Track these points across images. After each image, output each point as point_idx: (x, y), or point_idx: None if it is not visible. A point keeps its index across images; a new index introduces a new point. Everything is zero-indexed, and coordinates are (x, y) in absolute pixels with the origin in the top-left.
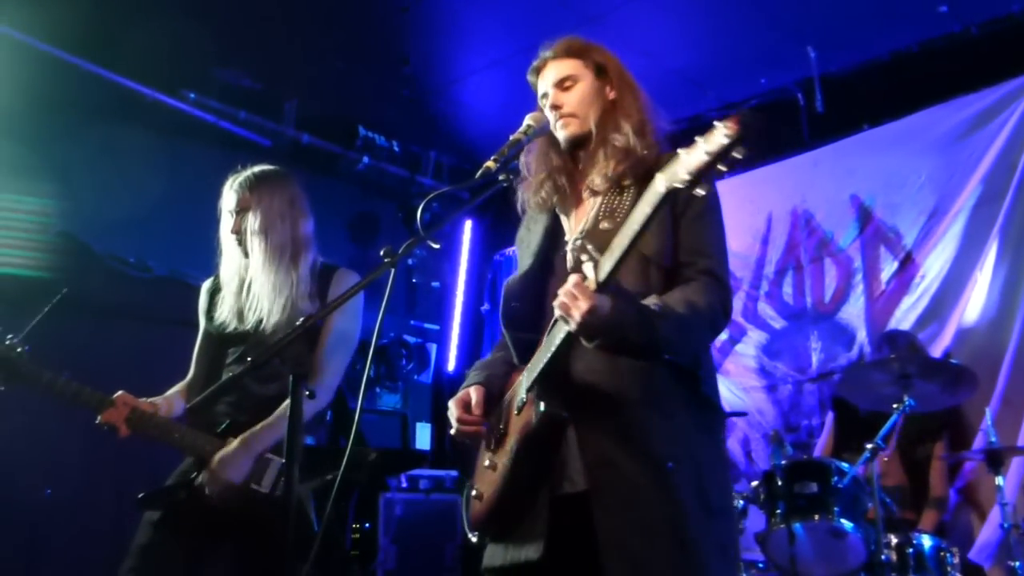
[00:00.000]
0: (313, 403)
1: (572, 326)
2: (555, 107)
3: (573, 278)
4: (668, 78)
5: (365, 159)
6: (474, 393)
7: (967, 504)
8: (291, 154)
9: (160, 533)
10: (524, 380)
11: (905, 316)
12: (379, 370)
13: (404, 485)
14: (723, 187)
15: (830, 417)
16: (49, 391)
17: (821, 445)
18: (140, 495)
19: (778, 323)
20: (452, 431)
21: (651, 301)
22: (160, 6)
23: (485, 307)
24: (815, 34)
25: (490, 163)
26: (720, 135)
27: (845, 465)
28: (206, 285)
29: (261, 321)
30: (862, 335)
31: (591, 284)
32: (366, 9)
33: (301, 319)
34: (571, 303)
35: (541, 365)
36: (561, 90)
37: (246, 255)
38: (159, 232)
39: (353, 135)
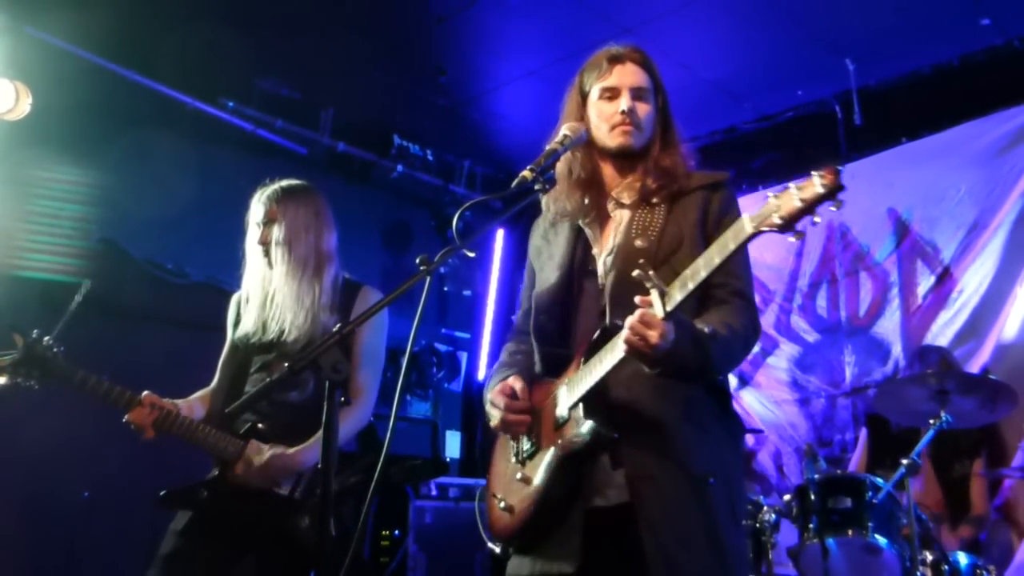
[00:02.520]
0: (356, 421)
1: (638, 355)
2: (627, 112)
3: (641, 311)
4: (704, 89)
5: (399, 167)
6: (517, 382)
7: (1005, 522)
8: (326, 162)
9: (184, 541)
10: (563, 396)
11: (942, 331)
12: (409, 378)
13: (434, 493)
14: (758, 199)
15: (863, 433)
16: (81, 389)
17: (855, 461)
18: (162, 492)
19: (811, 336)
20: (495, 422)
21: (702, 326)
22: (200, 15)
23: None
24: (854, 47)
25: (526, 172)
26: (817, 185)
27: (880, 480)
28: (236, 296)
29: (283, 332)
30: (897, 350)
31: (658, 313)
32: (403, 19)
33: (333, 328)
34: (642, 333)
35: (589, 385)
36: (636, 99)
37: (271, 266)
38: (196, 238)
39: (388, 144)
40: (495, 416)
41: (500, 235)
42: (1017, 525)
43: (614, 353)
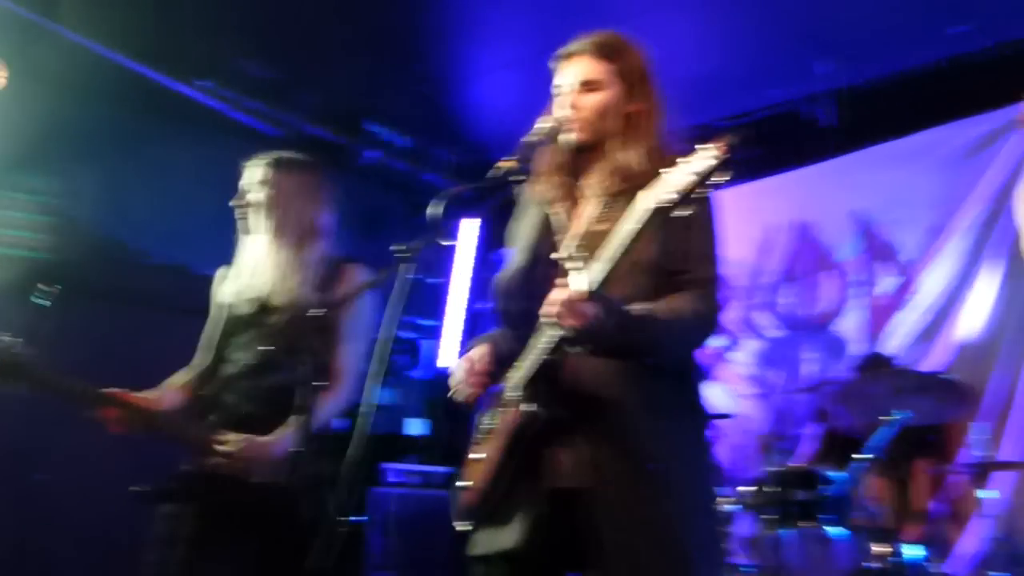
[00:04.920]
0: (337, 402)
1: (559, 332)
2: (572, 107)
3: (561, 290)
4: (681, 85)
5: (373, 153)
6: (478, 350)
7: (947, 517)
8: (300, 145)
9: (175, 525)
10: (514, 377)
11: (900, 331)
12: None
13: (396, 480)
14: (724, 195)
15: (816, 428)
16: (42, 388)
17: (806, 455)
18: (138, 489)
19: (772, 333)
20: (453, 392)
21: (637, 308)
22: None
23: (480, 305)
24: (827, 48)
25: (503, 163)
26: (707, 157)
27: (833, 474)
28: (221, 270)
29: (264, 303)
30: (856, 348)
31: (580, 291)
32: (383, 4)
33: (312, 310)
34: (558, 310)
35: (529, 368)
36: (583, 91)
37: (249, 231)
38: (161, 218)
39: (362, 129)
40: (458, 387)
41: (465, 224)
42: (958, 520)
43: (548, 335)
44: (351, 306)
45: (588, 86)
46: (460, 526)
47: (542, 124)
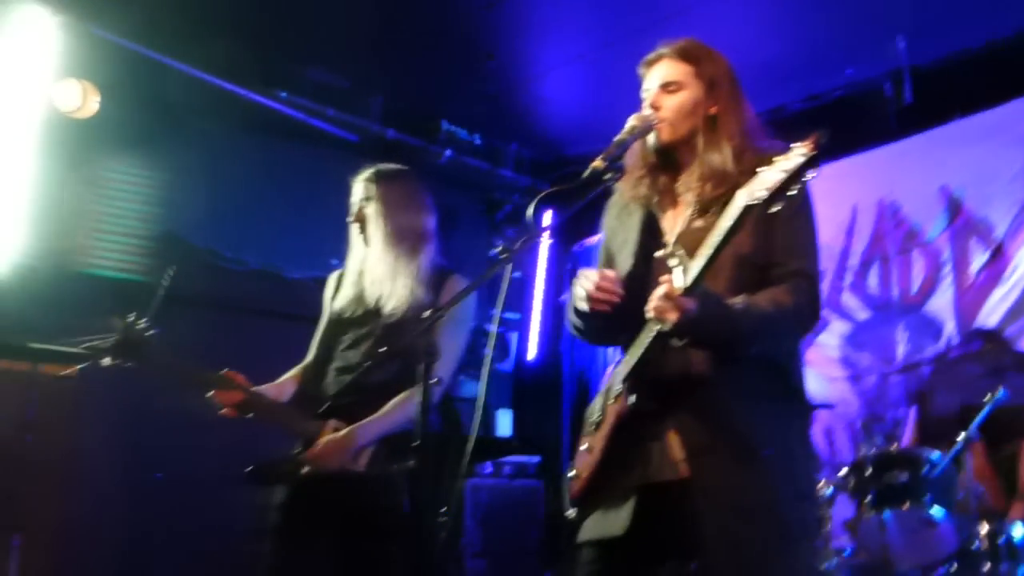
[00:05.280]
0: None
1: (663, 327)
2: (653, 107)
3: (663, 286)
4: (752, 71)
5: (448, 152)
6: (610, 274)
7: None
8: (377, 149)
9: (285, 515)
10: (620, 371)
11: (995, 308)
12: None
13: (489, 471)
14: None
15: (914, 410)
16: (170, 373)
17: (907, 437)
18: (248, 469)
19: (862, 314)
20: (581, 302)
21: (737, 301)
22: (251, 6)
23: (565, 297)
24: (905, 23)
25: (597, 162)
26: (797, 156)
27: (936, 455)
28: (333, 274)
29: (379, 306)
30: (950, 327)
31: (679, 287)
32: (451, 6)
33: (428, 306)
34: (662, 306)
35: (632, 361)
36: (664, 92)
37: (367, 243)
38: (253, 227)
39: (436, 129)
40: (580, 296)
41: (548, 217)
42: None
43: (653, 329)
44: (449, 315)
45: (669, 87)
46: (569, 514)
47: (630, 123)
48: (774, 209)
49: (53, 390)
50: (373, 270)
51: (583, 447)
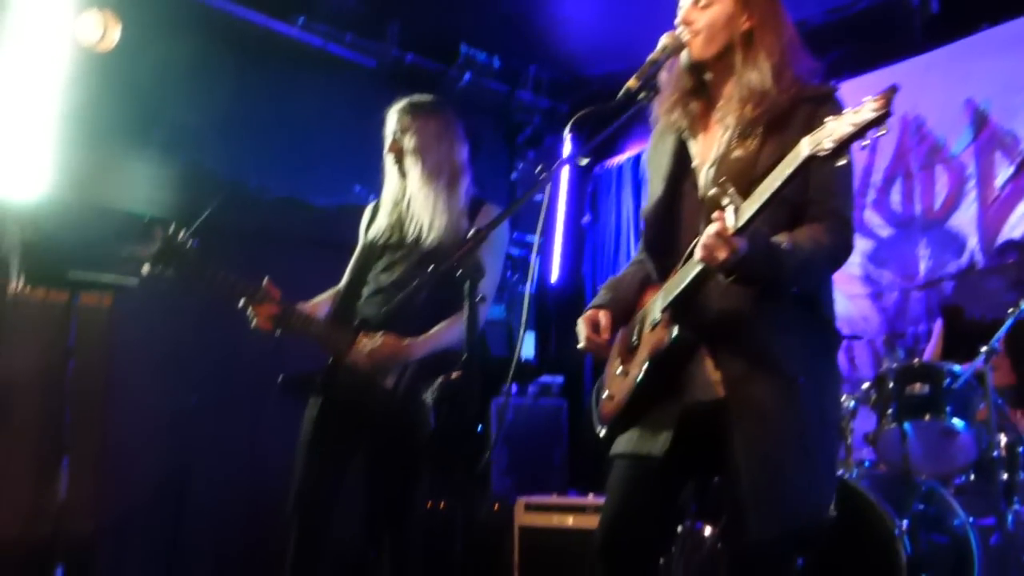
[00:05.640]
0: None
1: (712, 264)
2: (685, 23)
3: (715, 224)
4: None
5: (467, 76)
6: (603, 318)
7: None
8: (396, 74)
9: (319, 429)
10: (659, 300)
11: (1019, 223)
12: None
13: (514, 390)
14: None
15: (939, 323)
16: (210, 283)
17: (930, 350)
18: (280, 377)
19: (885, 231)
20: (580, 345)
21: (781, 240)
22: None
23: (586, 219)
24: None
25: (631, 82)
26: (868, 110)
27: (957, 367)
28: (370, 205)
29: (420, 235)
30: (973, 242)
31: (731, 227)
32: None
33: (468, 234)
34: (713, 245)
35: (676, 291)
36: (696, 7)
37: (403, 175)
38: (275, 155)
39: (455, 53)
40: (580, 340)
41: (569, 140)
42: None
43: (694, 264)
44: (486, 241)
45: (700, 1)
46: (601, 431)
47: (663, 41)
48: (837, 163)
49: (91, 318)
50: (413, 204)
51: (617, 370)
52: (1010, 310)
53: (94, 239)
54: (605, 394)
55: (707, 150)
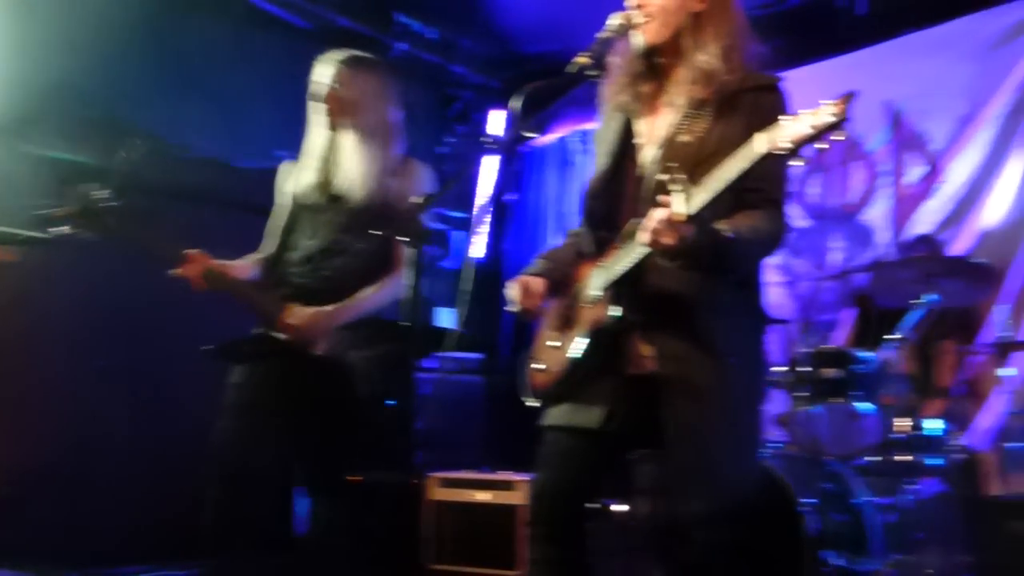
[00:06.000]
0: (396, 289)
1: (657, 249)
2: (638, 5)
3: (663, 210)
4: None
5: (402, 45)
6: (537, 284)
7: (968, 395)
8: (327, 38)
9: (242, 393)
10: (597, 277)
11: (927, 218)
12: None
13: (431, 365)
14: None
15: (850, 313)
16: (133, 237)
17: (840, 338)
18: (211, 347)
19: (802, 223)
20: (511, 308)
21: (725, 228)
22: None
23: (510, 196)
24: None
25: (581, 59)
26: (827, 114)
27: (864, 354)
28: (285, 163)
29: (347, 194)
30: (885, 236)
31: (680, 214)
32: None
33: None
34: (660, 231)
35: (618, 271)
36: None
37: (333, 128)
38: (199, 113)
39: (390, 21)
40: (510, 303)
41: (497, 116)
42: (978, 397)
43: (637, 246)
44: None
45: None
46: (530, 402)
47: (613, 20)
48: (792, 163)
49: (3, 272)
50: (343, 160)
51: (552, 343)
52: (915, 301)
53: (8, 186)
54: (538, 365)
55: (653, 130)
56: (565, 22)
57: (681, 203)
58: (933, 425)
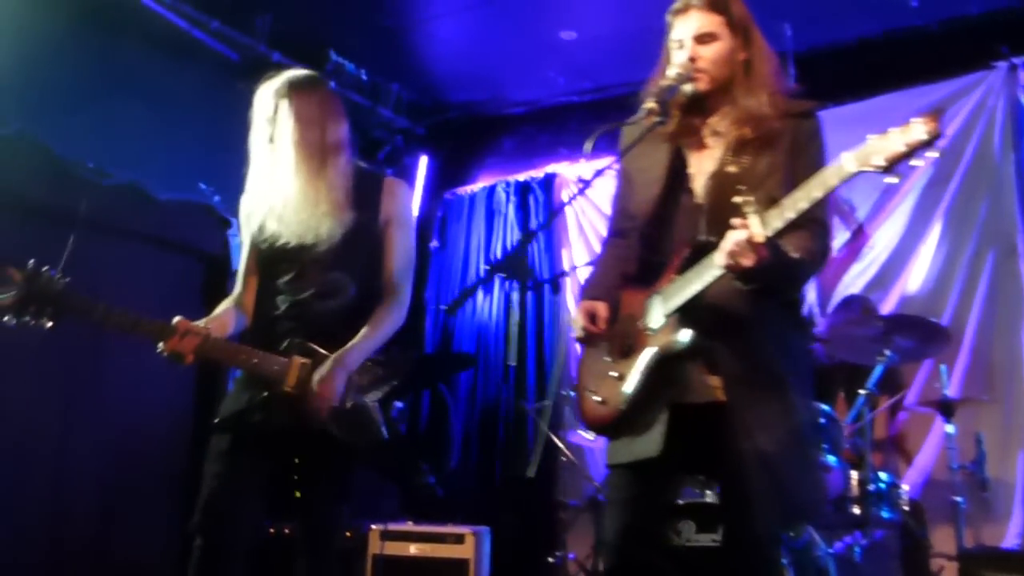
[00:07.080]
0: (398, 320)
1: (735, 271)
2: (691, 59)
3: (742, 232)
4: (645, 36)
5: (331, 85)
6: (601, 309)
7: (896, 449)
8: (257, 72)
9: (233, 458)
10: (659, 303)
11: (854, 282)
12: None
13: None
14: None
15: None
16: (104, 322)
17: None
18: (216, 420)
19: None
20: (576, 335)
21: (790, 251)
22: None
23: (434, 244)
24: (791, 12)
25: (651, 104)
26: (919, 130)
27: (827, 407)
28: (244, 198)
29: (308, 236)
30: (812, 297)
31: (758, 235)
32: None
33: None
34: (739, 252)
35: (687, 295)
36: (699, 44)
37: (276, 164)
38: (120, 139)
39: (324, 59)
40: (576, 329)
41: (423, 162)
42: (904, 452)
43: (711, 269)
44: (399, 224)
45: (704, 38)
46: (586, 435)
47: (673, 71)
48: (888, 180)
49: None
50: (291, 199)
51: (607, 372)
52: (878, 357)
53: None
54: (595, 398)
55: (701, 162)
56: (491, 73)
57: (758, 224)
58: (883, 477)
